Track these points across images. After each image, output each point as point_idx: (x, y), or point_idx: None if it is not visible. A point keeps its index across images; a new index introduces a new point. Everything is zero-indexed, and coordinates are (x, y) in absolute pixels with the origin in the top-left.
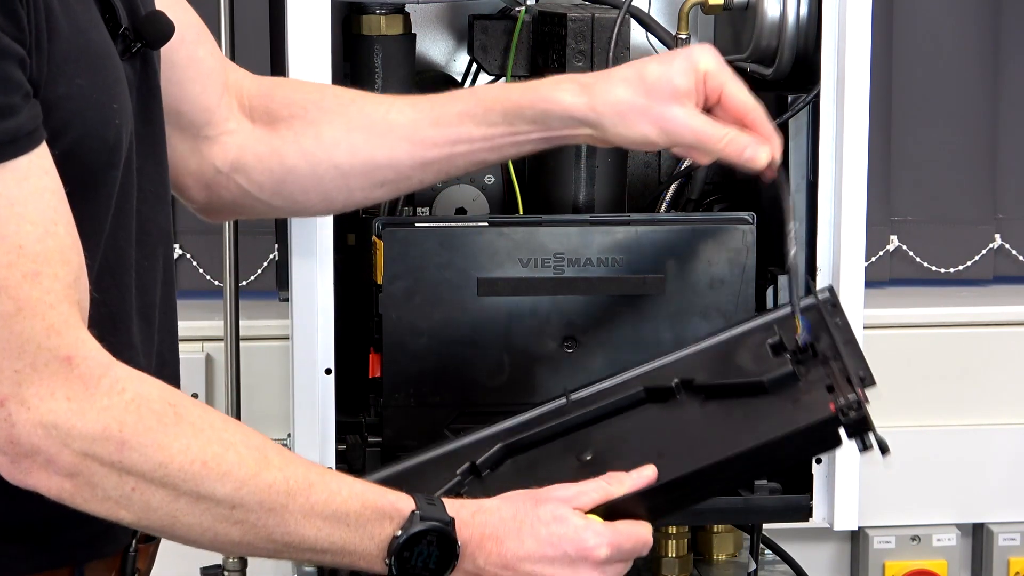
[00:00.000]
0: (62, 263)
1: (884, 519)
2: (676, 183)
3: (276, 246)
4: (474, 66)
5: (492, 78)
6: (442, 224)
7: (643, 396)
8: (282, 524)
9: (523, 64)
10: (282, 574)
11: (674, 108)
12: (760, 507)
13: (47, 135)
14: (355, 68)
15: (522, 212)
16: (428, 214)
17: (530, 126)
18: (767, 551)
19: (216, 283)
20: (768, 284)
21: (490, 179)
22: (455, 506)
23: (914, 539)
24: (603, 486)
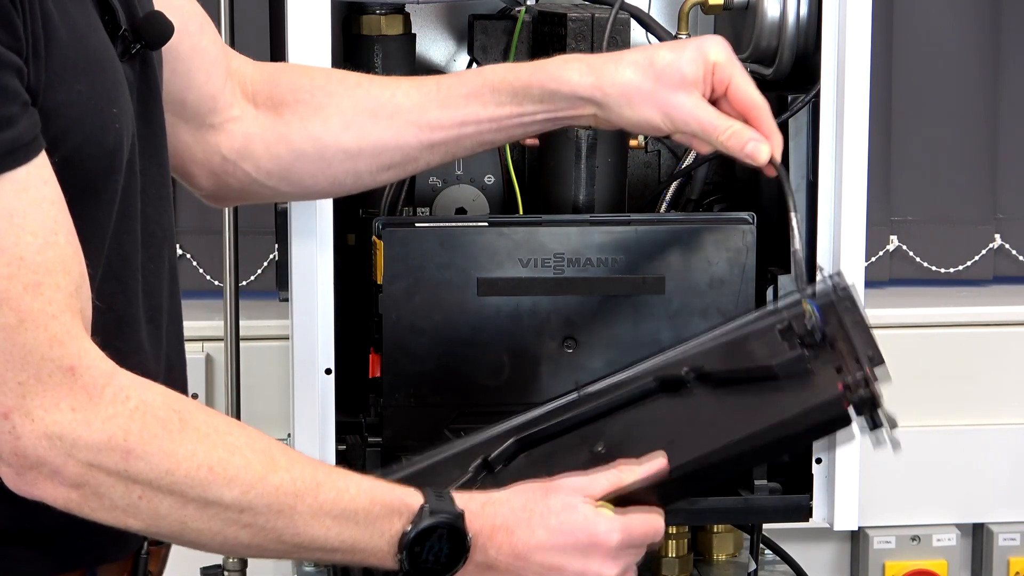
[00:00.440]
0: (63, 273)
1: (884, 519)
2: (676, 183)
3: (276, 246)
4: (474, 66)
5: None
6: (442, 224)
7: (655, 387)
8: (291, 525)
9: None
10: (282, 574)
11: (681, 95)
12: (760, 507)
13: (47, 143)
14: (355, 68)
15: (522, 212)
16: (428, 214)
17: (536, 106)
18: (767, 551)
19: (216, 283)
20: (768, 284)
21: (490, 179)
22: (464, 499)
23: (914, 539)
24: (614, 474)
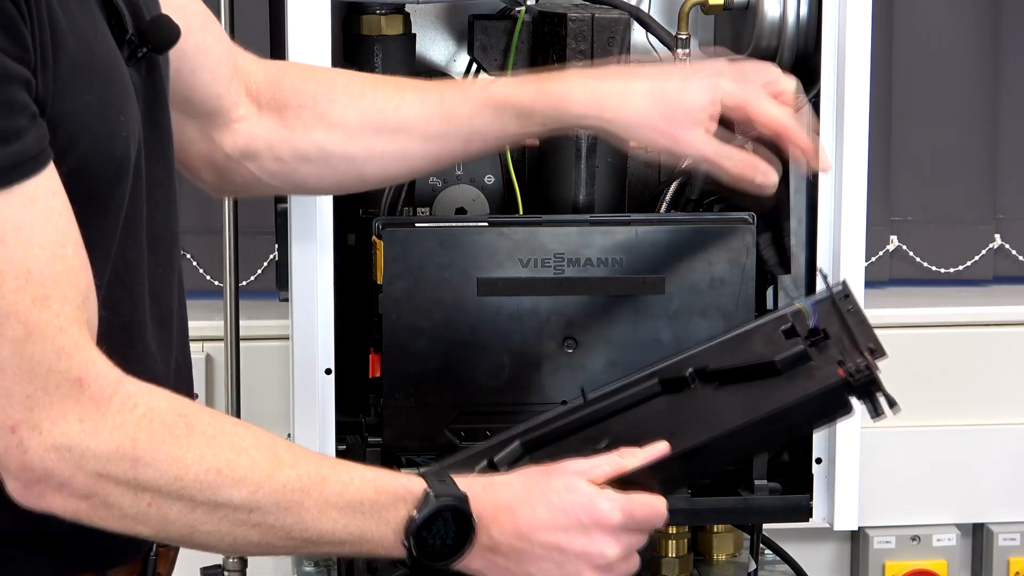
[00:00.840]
0: (71, 285)
1: (884, 519)
2: (676, 183)
3: (276, 246)
4: (474, 66)
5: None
6: (442, 224)
7: (658, 389)
8: (300, 522)
9: (523, 64)
10: (282, 573)
11: (688, 131)
12: (760, 507)
13: (54, 152)
14: (355, 68)
15: (522, 212)
16: (428, 214)
17: (540, 127)
18: (767, 551)
19: (216, 283)
20: (768, 284)
21: (490, 179)
22: (466, 482)
23: (914, 539)
24: (616, 459)
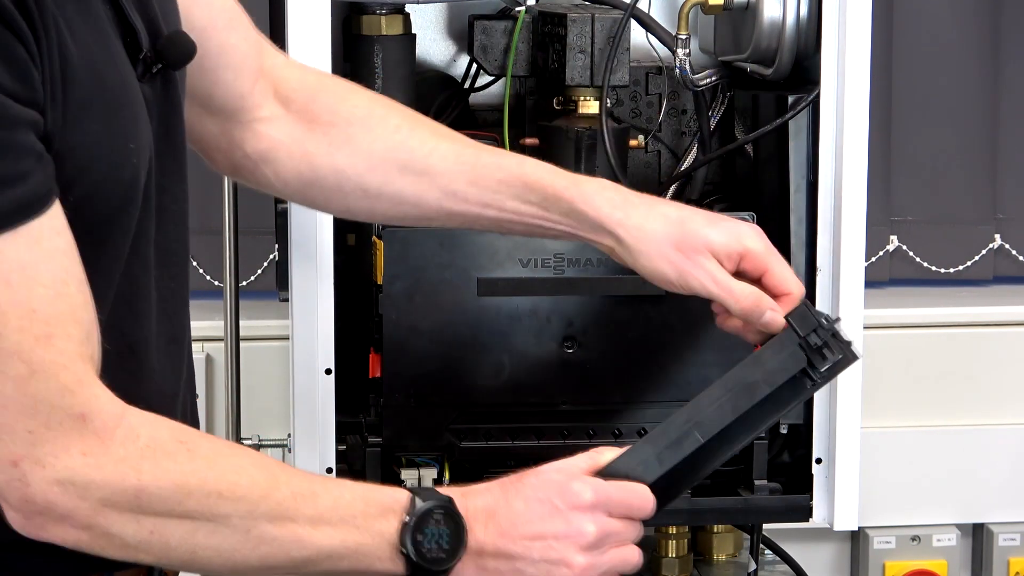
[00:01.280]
0: (74, 322)
1: (884, 519)
2: (676, 183)
3: (276, 246)
4: (474, 66)
5: (492, 78)
6: None
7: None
8: (297, 539)
9: (523, 64)
10: None
11: (700, 260)
12: (760, 507)
13: (61, 183)
14: (355, 68)
15: None
16: None
17: (560, 218)
18: (767, 551)
19: (216, 283)
20: None
21: None
22: (444, 491)
23: (914, 539)
24: (591, 455)
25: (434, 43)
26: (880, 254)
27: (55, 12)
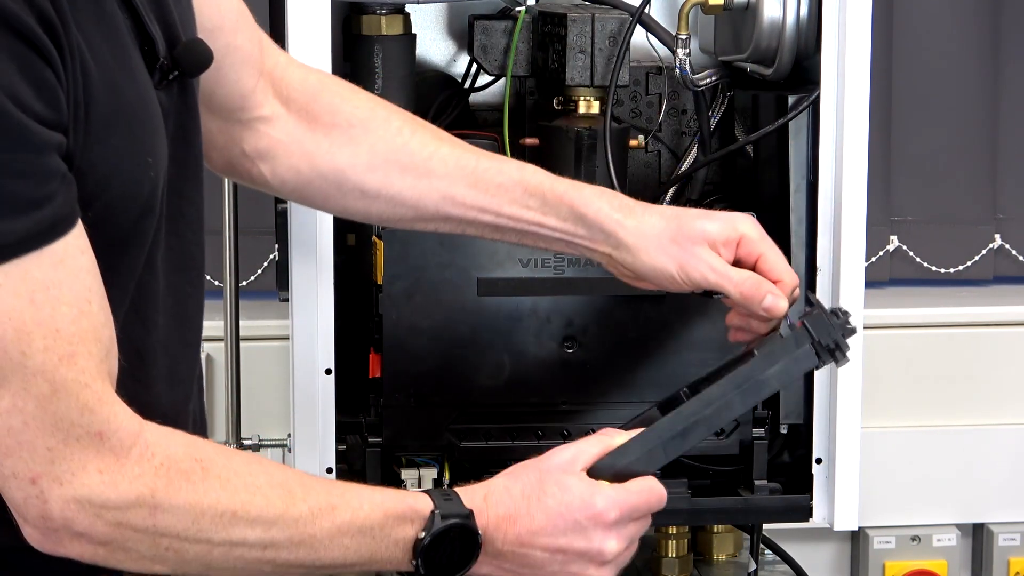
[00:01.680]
0: (95, 340)
1: (884, 519)
2: (676, 183)
3: (276, 246)
4: (474, 66)
5: (492, 78)
6: None
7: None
8: (312, 552)
9: (523, 64)
10: None
11: (698, 250)
12: (760, 507)
13: (82, 198)
14: (355, 68)
15: None
16: None
17: (558, 223)
18: (767, 551)
19: (216, 283)
20: None
21: None
22: (468, 495)
23: (914, 539)
24: (602, 438)
25: (434, 43)
26: (880, 254)
27: (76, 30)
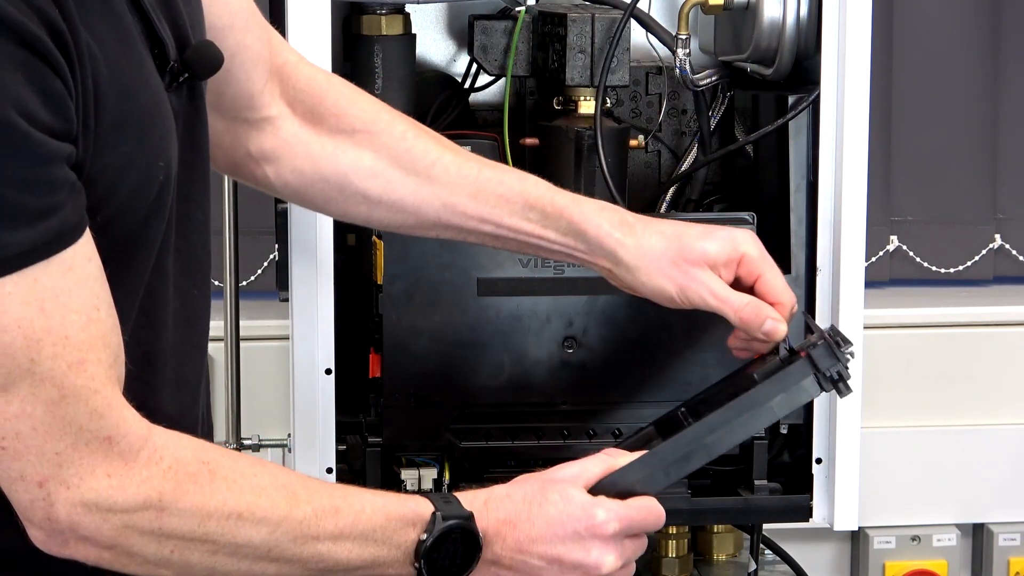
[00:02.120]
0: (104, 347)
1: (884, 519)
2: (676, 183)
3: (276, 246)
4: (474, 66)
5: (492, 78)
6: None
7: (654, 433)
8: (316, 554)
9: (523, 64)
10: None
11: (697, 271)
12: (760, 507)
13: (90, 204)
14: (355, 68)
15: None
16: None
17: (558, 236)
18: (767, 551)
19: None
20: None
21: None
22: (468, 499)
23: (914, 539)
24: (605, 458)
25: (434, 43)
26: (880, 254)
27: (87, 35)
